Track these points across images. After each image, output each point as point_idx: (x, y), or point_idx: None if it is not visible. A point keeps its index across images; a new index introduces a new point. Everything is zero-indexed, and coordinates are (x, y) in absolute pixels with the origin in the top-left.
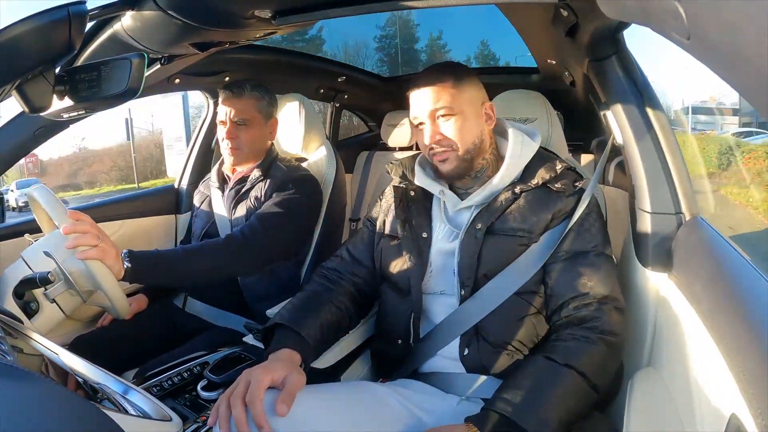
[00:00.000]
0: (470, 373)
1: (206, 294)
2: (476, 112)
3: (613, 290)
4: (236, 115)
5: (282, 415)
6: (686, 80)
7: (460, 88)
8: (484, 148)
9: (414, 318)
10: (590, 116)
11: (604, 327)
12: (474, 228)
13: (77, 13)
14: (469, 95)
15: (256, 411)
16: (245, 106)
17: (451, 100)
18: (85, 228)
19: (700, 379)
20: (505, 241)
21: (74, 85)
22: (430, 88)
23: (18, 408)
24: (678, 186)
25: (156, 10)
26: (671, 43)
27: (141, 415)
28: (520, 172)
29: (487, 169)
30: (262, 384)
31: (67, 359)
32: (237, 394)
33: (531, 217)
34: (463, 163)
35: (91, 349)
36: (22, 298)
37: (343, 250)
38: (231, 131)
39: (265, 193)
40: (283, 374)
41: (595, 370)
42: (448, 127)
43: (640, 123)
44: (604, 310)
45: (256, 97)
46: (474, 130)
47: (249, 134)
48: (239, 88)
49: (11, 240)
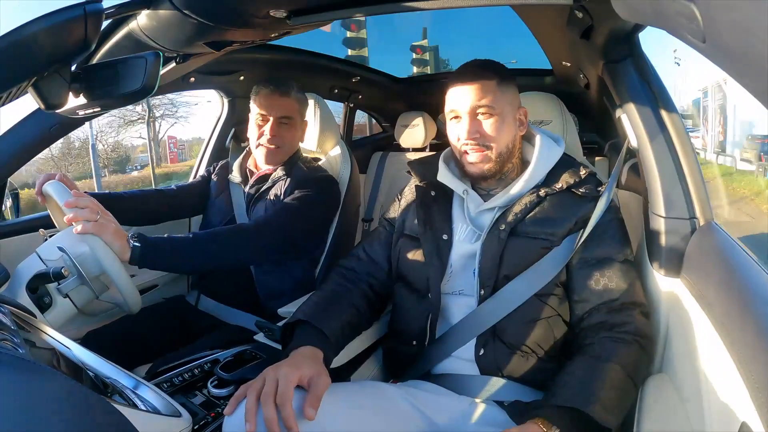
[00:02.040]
0: (484, 375)
1: (219, 291)
2: (513, 115)
3: (639, 295)
4: (282, 112)
5: (310, 419)
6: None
7: (503, 89)
8: (514, 153)
9: (431, 319)
10: (604, 119)
11: (636, 330)
12: (497, 229)
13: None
14: (509, 97)
15: (287, 413)
16: (291, 104)
17: (493, 98)
18: (85, 203)
19: (712, 386)
20: (527, 244)
21: (90, 82)
22: (474, 84)
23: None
24: (692, 190)
25: (171, 9)
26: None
27: (151, 411)
28: (544, 176)
29: (511, 172)
30: (291, 383)
31: (79, 353)
32: (267, 392)
33: (554, 221)
34: (495, 165)
35: (103, 345)
36: (35, 293)
37: (360, 249)
38: (275, 128)
39: (284, 192)
40: (309, 373)
41: (634, 368)
42: (488, 125)
43: (654, 126)
44: (633, 314)
45: (299, 99)
46: (509, 133)
47: (291, 133)
48: (286, 86)
49: (26, 235)
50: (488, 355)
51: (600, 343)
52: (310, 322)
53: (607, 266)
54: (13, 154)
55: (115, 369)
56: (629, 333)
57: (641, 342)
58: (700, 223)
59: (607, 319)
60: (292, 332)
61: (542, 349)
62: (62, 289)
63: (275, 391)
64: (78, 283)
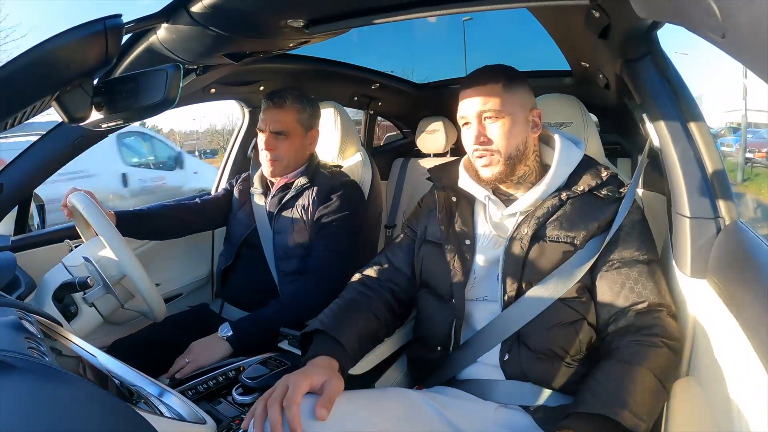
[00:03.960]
0: (509, 379)
1: (243, 299)
2: (524, 117)
3: (666, 297)
4: (275, 126)
5: (322, 419)
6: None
7: (510, 92)
8: (527, 155)
9: (456, 325)
10: (625, 119)
11: (664, 333)
12: (520, 234)
13: (113, 26)
14: (518, 99)
15: (292, 414)
16: (285, 116)
17: (499, 102)
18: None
19: (740, 391)
20: (550, 248)
21: (112, 96)
22: (479, 89)
23: (56, 407)
24: (717, 189)
25: (190, 21)
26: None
27: (175, 418)
28: (565, 179)
29: (530, 176)
30: (300, 389)
31: (104, 361)
32: (275, 397)
33: (577, 224)
34: (504, 168)
35: (128, 353)
36: (61, 302)
37: (382, 257)
38: (269, 141)
39: (312, 201)
40: (321, 380)
41: (664, 372)
42: (494, 129)
43: (676, 124)
44: (660, 317)
45: (297, 109)
46: (519, 135)
47: (287, 145)
48: (280, 98)
49: (52, 245)
50: (513, 360)
51: (628, 347)
52: (326, 331)
53: (632, 268)
54: (39, 167)
55: (140, 376)
56: (657, 335)
57: (670, 344)
58: (725, 222)
59: (634, 322)
60: (311, 340)
61: (567, 354)
62: (88, 298)
63: (282, 396)
64: (103, 293)
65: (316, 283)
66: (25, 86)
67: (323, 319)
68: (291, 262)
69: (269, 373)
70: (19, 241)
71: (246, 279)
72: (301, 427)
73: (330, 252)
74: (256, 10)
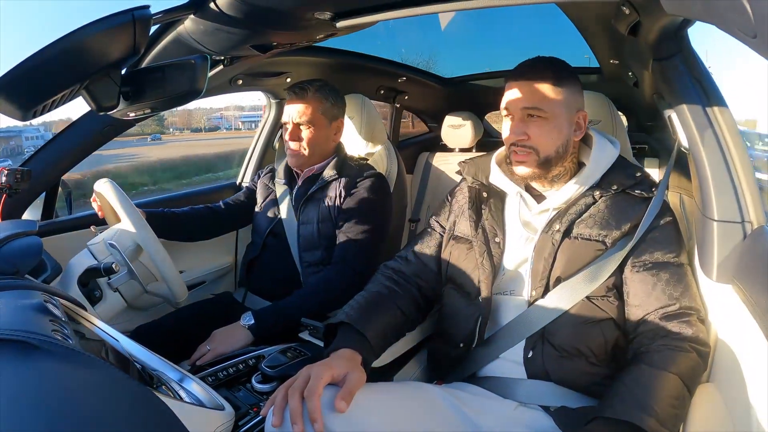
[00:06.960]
0: (531, 378)
1: (266, 289)
2: (569, 118)
3: (696, 300)
4: (298, 117)
5: (341, 412)
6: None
7: (558, 89)
8: (565, 157)
9: (480, 322)
10: (654, 118)
11: (693, 337)
12: (551, 231)
13: (141, 17)
14: (566, 99)
15: (313, 405)
16: (308, 107)
17: (545, 100)
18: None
19: (761, 400)
20: (580, 246)
21: (140, 85)
22: (527, 82)
23: (77, 389)
24: (746, 193)
25: (217, 13)
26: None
27: (195, 403)
28: (599, 178)
29: (564, 175)
30: (321, 380)
31: (127, 345)
32: (296, 386)
33: (609, 223)
34: (539, 169)
35: (151, 338)
36: (86, 286)
37: (408, 251)
38: (292, 132)
39: (339, 193)
40: (343, 372)
41: (691, 378)
42: (536, 128)
43: (705, 125)
44: (690, 321)
45: (319, 99)
46: (561, 136)
47: (310, 135)
48: (302, 89)
49: (77, 231)
50: (536, 357)
51: (656, 351)
52: (350, 324)
53: (662, 270)
54: (67, 154)
55: (162, 361)
56: (686, 340)
57: (699, 350)
58: (753, 227)
59: (663, 326)
60: (335, 332)
61: (593, 354)
62: (113, 283)
63: (303, 386)
64: (128, 278)
65: (339, 274)
66: (54, 75)
67: (349, 312)
68: (315, 253)
69: (289, 362)
70: (46, 226)
71: (270, 269)
72: (321, 417)
73: (354, 243)
74: (283, 2)
